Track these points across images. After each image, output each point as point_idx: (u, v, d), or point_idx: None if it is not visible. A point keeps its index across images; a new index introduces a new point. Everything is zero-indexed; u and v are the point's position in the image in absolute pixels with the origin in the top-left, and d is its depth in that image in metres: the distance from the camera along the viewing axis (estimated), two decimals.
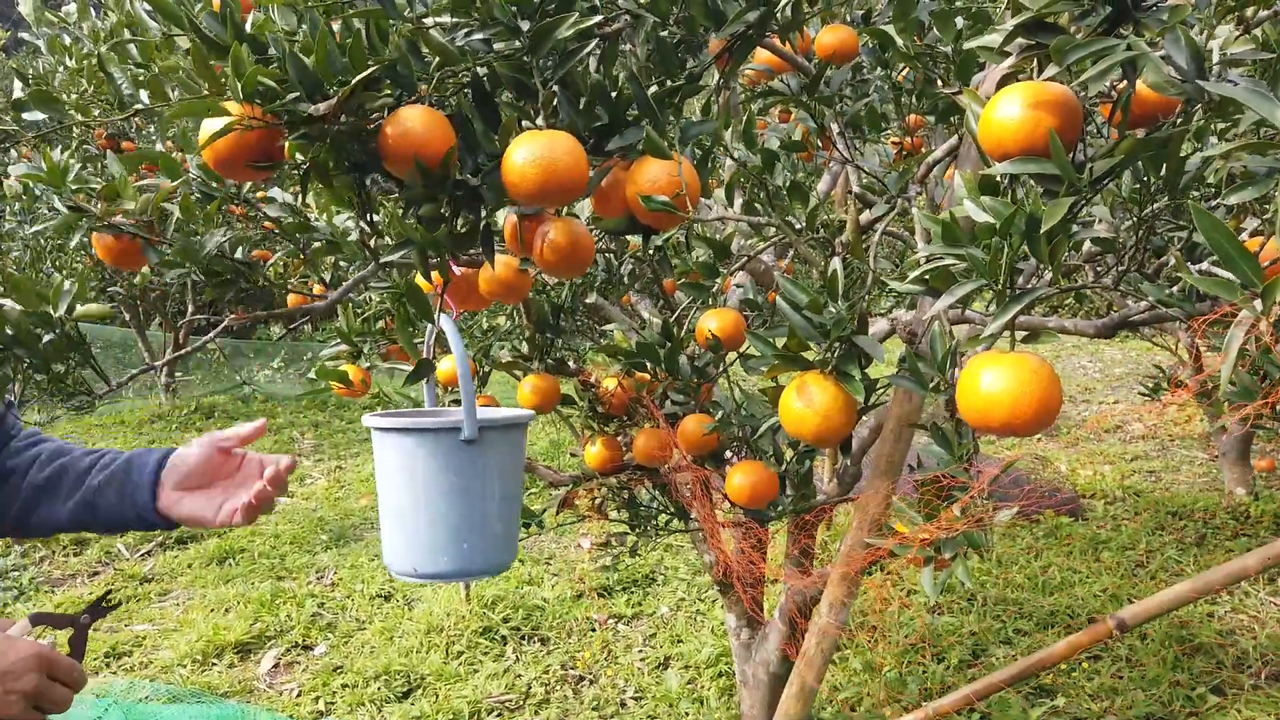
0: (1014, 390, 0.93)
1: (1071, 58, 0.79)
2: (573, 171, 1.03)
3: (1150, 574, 4.60)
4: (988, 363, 0.95)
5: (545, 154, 1.01)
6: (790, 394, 1.14)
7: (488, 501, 1.63)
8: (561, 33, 1.02)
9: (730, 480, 1.81)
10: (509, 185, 1.04)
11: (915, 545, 1.10)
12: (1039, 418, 0.93)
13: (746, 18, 1.24)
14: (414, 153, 1.01)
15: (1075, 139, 0.94)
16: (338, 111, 0.97)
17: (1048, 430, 7.74)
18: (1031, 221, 0.90)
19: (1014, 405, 0.92)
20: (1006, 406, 0.93)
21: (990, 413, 0.93)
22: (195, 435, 8.03)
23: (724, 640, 3.93)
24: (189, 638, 4.09)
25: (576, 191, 1.06)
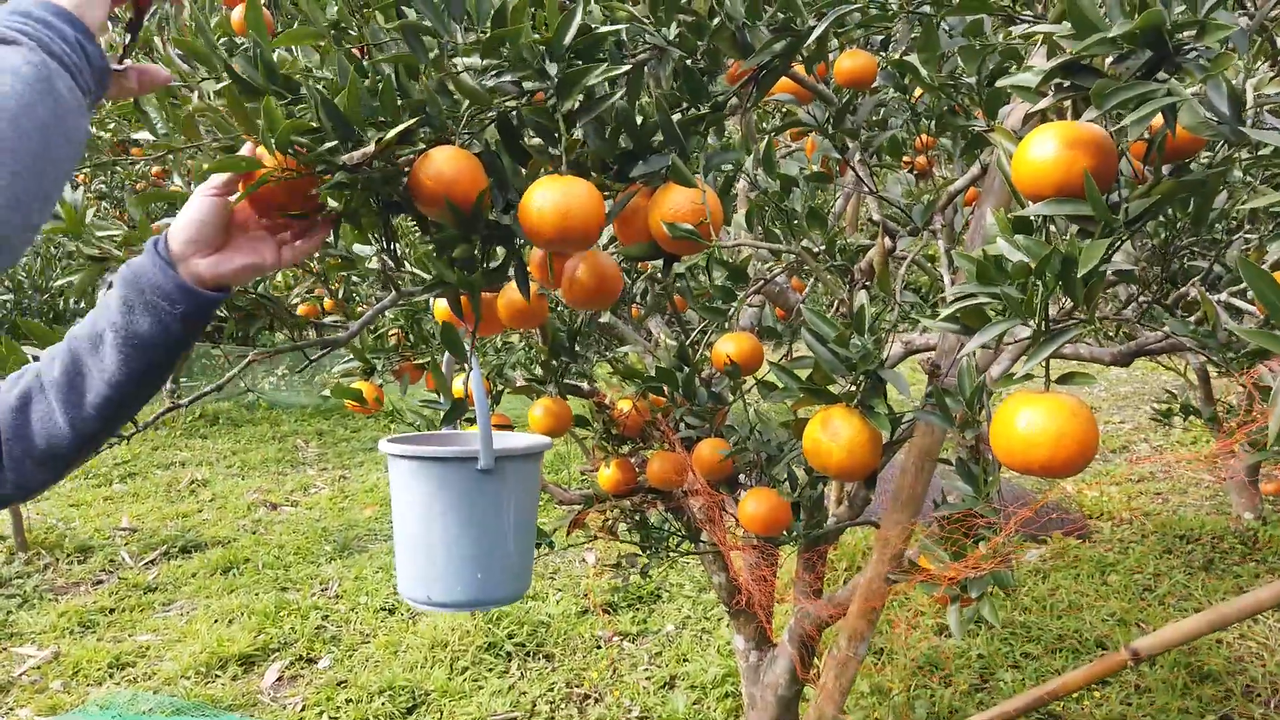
0: (1053, 431, 0.92)
1: (1112, 101, 0.79)
2: (588, 219, 1.03)
3: (1159, 598, 4.58)
4: (1025, 403, 0.94)
5: (561, 201, 1.01)
6: (815, 428, 1.14)
7: (503, 531, 1.62)
8: (590, 80, 1.02)
9: (744, 508, 1.80)
10: (526, 230, 1.04)
11: (943, 583, 1.09)
12: (1078, 459, 0.92)
13: (773, 48, 1.23)
14: (445, 194, 1.01)
15: (1110, 180, 0.93)
16: (372, 160, 0.97)
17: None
18: (1067, 261, 0.89)
19: (1054, 447, 0.92)
20: (1046, 448, 0.92)
21: (1030, 454, 0.92)
22: (200, 441, 8.03)
23: (730, 660, 3.91)
24: (193, 649, 4.08)
25: (592, 238, 1.05)
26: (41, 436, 1.00)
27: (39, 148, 0.74)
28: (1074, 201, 0.90)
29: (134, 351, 0.98)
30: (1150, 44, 0.78)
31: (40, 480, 1.03)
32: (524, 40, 1.02)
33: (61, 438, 1.00)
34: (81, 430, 1.00)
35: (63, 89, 0.77)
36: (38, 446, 1.00)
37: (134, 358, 0.98)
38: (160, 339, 0.99)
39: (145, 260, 0.99)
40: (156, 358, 0.99)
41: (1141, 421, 8.07)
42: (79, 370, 0.99)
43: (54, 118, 0.76)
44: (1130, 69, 0.81)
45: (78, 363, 1.00)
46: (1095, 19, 0.80)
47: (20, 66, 0.74)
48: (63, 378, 1.00)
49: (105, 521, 5.84)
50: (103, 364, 0.99)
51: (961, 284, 0.96)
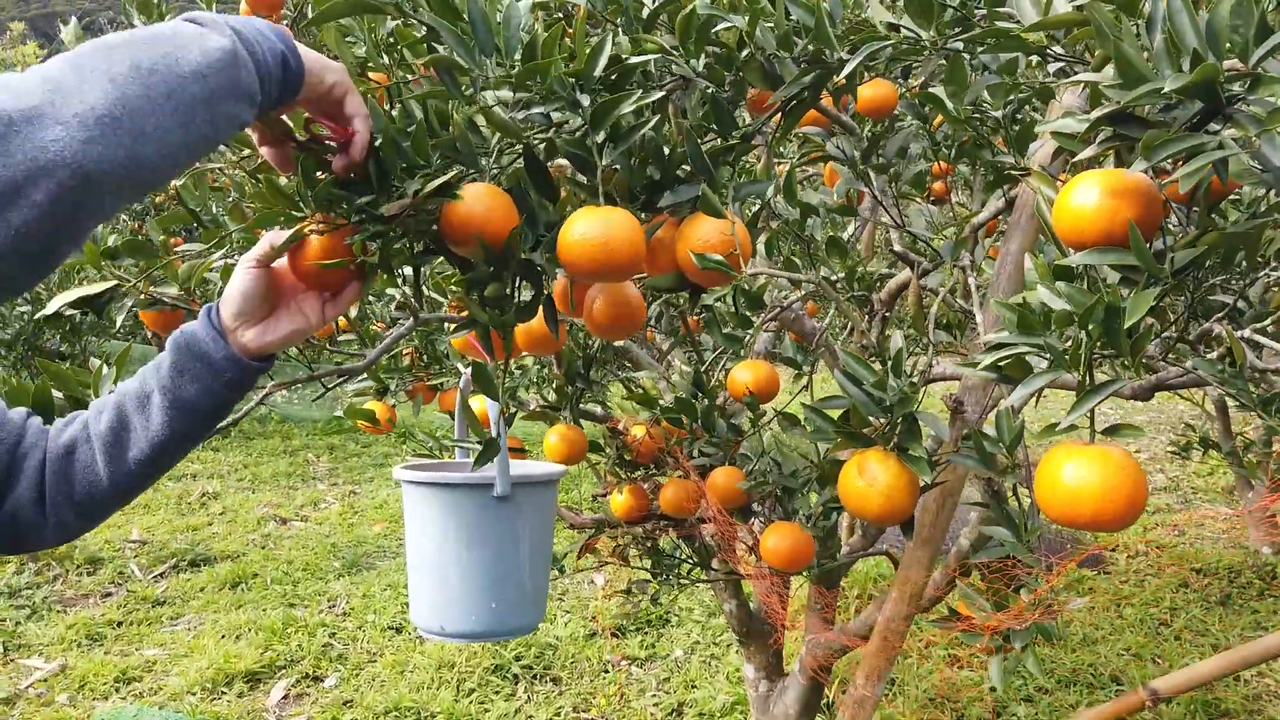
0: (1100, 485, 0.89)
1: (1162, 154, 0.77)
2: (629, 251, 1.01)
3: (1174, 633, 4.52)
4: (1071, 455, 0.92)
5: (602, 232, 0.99)
6: (851, 473, 1.11)
7: (518, 559, 1.60)
8: (623, 110, 1.00)
9: (766, 542, 1.78)
10: (564, 262, 1.02)
11: (985, 633, 1.06)
12: (1127, 514, 0.90)
13: (803, 81, 1.22)
14: (478, 233, 1.00)
15: (1155, 229, 0.91)
16: (410, 210, 0.96)
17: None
18: (1113, 312, 0.87)
19: (1100, 501, 0.89)
20: (1092, 502, 0.89)
21: (1076, 508, 0.90)
22: (211, 454, 8.03)
23: (739, 688, 3.86)
24: (199, 664, 4.06)
25: (633, 270, 1.04)
26: (82, 485, 1.05)
27: (186, 112, 0.79)
28: (1118, 251, 0.88)
29: (180, 414, 1.04)
30: (1202, 95, 0.76)
31: (77, 527, 1.08)
32: (555, 72, 1.01)
33: (99, 488, 1.06)
34: (119, 483, 1.06)
35: (243, 78, 0.85)
36: (77, 493, 1.05)
37: (179, 419, 1.04)
38: (206, 405, 1.05)
39: (199, 330, 1.06)
40: (200, 420, 1.06)
41: (1158, 451, 8.00)
42: (125, 426, 1.05)
43: (214, 95, 0.82)
44: (1180, 120, 0.79)
45: (124, 419, 1.05)
46: (1143, 69, 0.78)
47: (212, 48, 0.82)
48: (109, 433, 1.05)
49: (116, 533, 5.84)
50: (149, 424, 1.04)
51: (999, 332, 0.94)
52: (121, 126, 0.73)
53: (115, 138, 0.73)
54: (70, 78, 0.73)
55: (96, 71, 0.74)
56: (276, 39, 0.90)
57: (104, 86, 0.74)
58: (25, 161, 0.68)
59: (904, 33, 1.08)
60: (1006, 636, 1.05)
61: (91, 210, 0.74)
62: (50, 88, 0.71)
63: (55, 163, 0.69)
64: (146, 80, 0.76)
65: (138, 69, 0.76)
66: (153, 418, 1.04)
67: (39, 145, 0.69)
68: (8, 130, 0.68)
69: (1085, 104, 1.36)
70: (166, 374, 1.04)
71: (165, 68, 0.78)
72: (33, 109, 0.69)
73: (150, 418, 1.04)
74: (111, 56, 0.76)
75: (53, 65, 0.74)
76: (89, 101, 0.72)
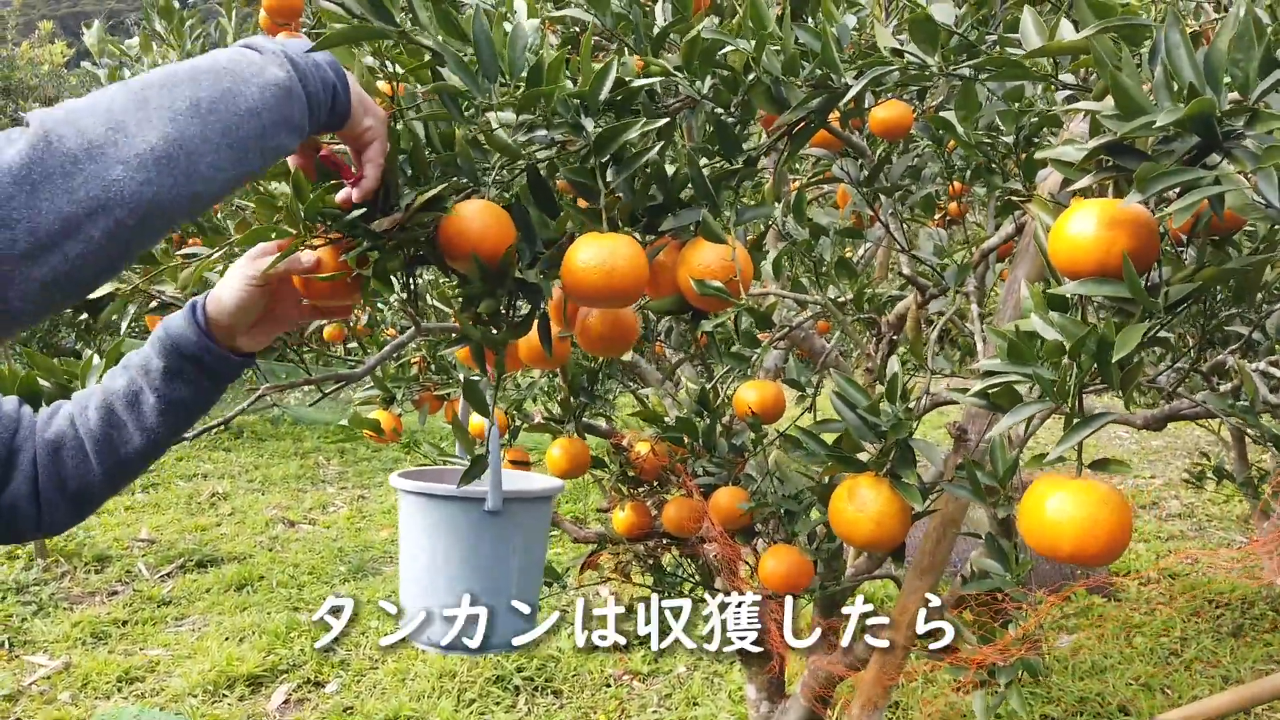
0: (1083, 519, 0.88)
1: (1156, 187, 0.76)
2: (632, 277, 1.01)
3: (1185, 664, 4.46)
4: (1055, 488, 0.91)
5: (607, 260, 1.00)
6: (842, 497, 1.10)
7: (508, 575, 1.59)
8: (629, 135, 1.00)
9: (764, 565, 1.77)
10: (567, 286, 1.02)
11: (970, 667, 1.05)
12: (1109, 550, 0.89)
13: (809, 105, 1.21)
14: (474, 250, 1.00)
15: (1151, 261, 0.90)
16: (401, 225, 0.97)
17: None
18: (1103, 344, 0.86)
19: (1082, 535, 0.88)
20: (1074, 536, 0.88)
21: (1058, 541, 0.89)
22: (223, 454, 8.07)
23: (741, 707, 3.83)
24: (202, 666, 4.07)
25: (635, 296, 1.04)
26: (74, 479, 1.06)
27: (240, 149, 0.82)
28: (1112, 283, 0.87)
29: (173, 413, 1.07)
30: (1198, 129, 0.75)
31: (68, 521, 1.09)
32: (560, 95, 1.01)
33: (93, 483, 1.07)
34: (113, 477, 1.08)
35: (295, 111, 0.88)
36: (70, 487, 1.06)
37: (172, 418, 1.07)
38: (198, 403, 1.09)
39: (186, 330, 1.06)
40: (193, 417, 1.10)
41: (1173, 477, 7.91)
42: (116, 424, 1.07)
43: (267, 131, 0.85)
44: (1177, 153, 0.78)
45: (115, 418, 1.07)
46: (1141, 100, 0.77)
47: (269, 82, 0.85)
48: (100, 431, 1.07)
49: (125, 531, 5.87)
50: (142, 422, 1.06)
51: (991, 360, 0.93)
52: (179, 167, 0.77)
53: (172, 178, 0.76)
54: (133, 115, 0.76)
55: (159, 109, 0.77)
56: (330, 70, 0.93)
57: (164, 127, 0.77)
58: (87, 199, 0.71)
59: (908, 58, 1.08)
60: (992, 671, 1.04)
61: (144, 243, 0.78)
62: (113, 125, 0.74)
63: (115, 201, 0.73)
64: (205, 119, 0.79)
65: (197, 108, 0.79)
66: (145, 417, 1.06)
67: (101, 184, 0.72)
68: (73, 168, 0.71)
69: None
70: (158, 377, 1.06)
71: (224, 106, 0.81)
72: (96, 147, 0.72)
73: (143, 417, 1.06)
74: (175, 93, 0.79)
75: (118, 97, 0.77)
76: (150, 141, 0.75)
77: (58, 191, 0.70)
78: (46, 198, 0.69)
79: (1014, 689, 1.03)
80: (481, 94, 0.98)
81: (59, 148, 0.71)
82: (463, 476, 1.25)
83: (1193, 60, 0.75)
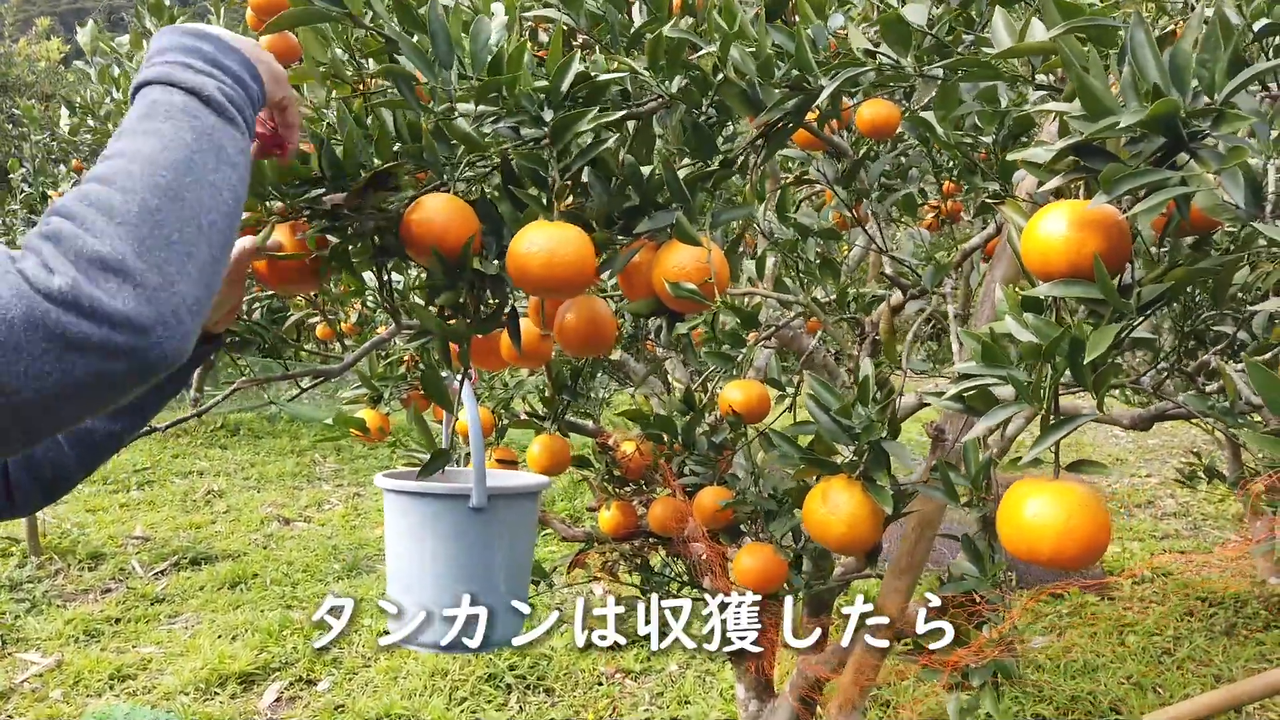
0: (1061, 523, 0.88)
1: (1122, 188, 0.75)
2: (574, 265, 1.00)
3: (1177, 663, 4.46)
4: (1033, 491, 0.91)
5: (547, 247, 0.99)
6: (815, 499, 1.10)
7: (496, 572, 1.59)
8: (581, 126, 1.00)
9: (739, 562, 1.77)
10: (511, 273, 1.02)
11: (945, 669, 1.04)
12: (1088, 553, 0.88)
13: (784, 106, 1.21)
14: (435, 242, 1.00)
15: (1123, 262, 0.90)
16: (353, 203, 0.96)
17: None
18: (1076, 345, 0.86)
19: (1060, 539, 0.88)
20: (1052, 540, 0.88)
21: (1035, 545, 0.88)
22: (219, 451, 8.06)
23: (732, 706, 3.83)
24: (194, 664, 4.07)
25: (581, 285, 1.03)
26: (47, 464, 1.07)
27: (224, 240, 0.78)
28: (1084, 284, 0.86)
29: (148, 402, 1.09)
30: (1163, 130, 0.75)
31: (40, 503, 1.11)
32: (521, 87, 1.00)
33: (68, 469, 1.09)
34: (88, 458, 1.10)
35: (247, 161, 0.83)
36: (44, 473, 1.07)
37: (147, 406, 1.09)
38: (171, 384, 1.09)
39: None
40: (165, 396, 1.11)
41: (1168, 475, 7.91)
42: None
43: (234, 203, 0.79)
44: (1143, 154, 0.77)
45: None
46: (1108, 101, 0.77)
47: (235, 156, 0.80)
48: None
49: (119, 529, 5.86)
50: (115, 411, 1.06)
51: (966, 363, 0.93)
52: (204, 306, 0.74)
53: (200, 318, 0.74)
54: (171, 267, 0.71)
55: (180, 255, 0.72)
56: (245, 72, 0.86)
57: (195, 278, 0.73)
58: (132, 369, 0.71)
59: (881, 59, 1.07)
60: (966, 673, 1.03)
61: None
62: (153, 295, 0.70)
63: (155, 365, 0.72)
64: (209, 236, 0.75)
65: (200, 229, 0.75)
66: (119, 407, 1.04)
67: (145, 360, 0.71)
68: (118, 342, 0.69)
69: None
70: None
71: (225, 224, 0.77)
72: (146, 327, 0.70)
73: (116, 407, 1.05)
74: (184, 231, 0.73)
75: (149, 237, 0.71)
76: (186, 295, 0.72)
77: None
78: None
79: (987, 691, 1.03)
80: (437, 81, 0.98)
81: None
82: (421, 470, 1.25)
83: (1158, 61, 0.75)
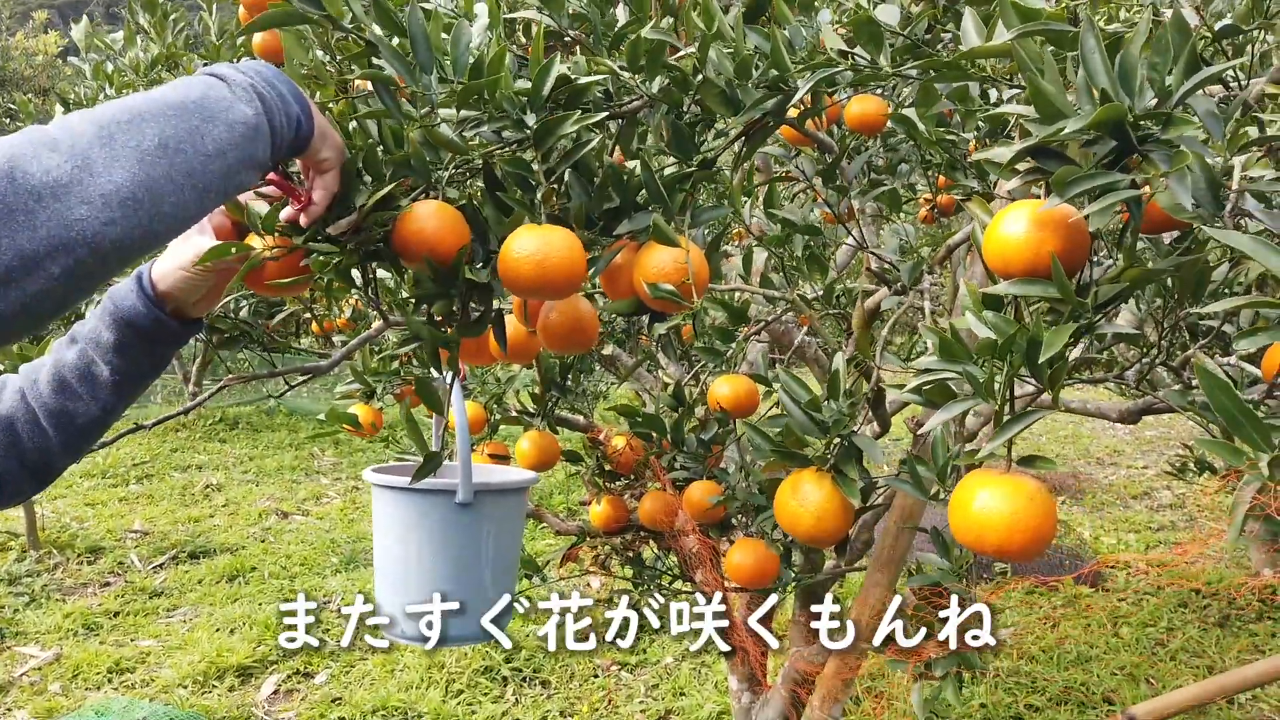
0: (1009, 515, 0.90)
1: (1074, 191, 0.77)
2: (566, 269, 1.02)
3: (1170, 654, 4.49)
4: (983, 483, 0.93)
5: (540, 250, 1.01)
6: (786, 492, 1.12)
7: (482, 567, 1.61)
8: (565, 129, 1.02)
9: (730, 558, 1.79)
10: (503, 277, 1.03)
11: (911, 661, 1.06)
12: (1033, 544, 0.90)
13: (764, 105, 1.23)
14: (427, 251, 1.01)
15: (1081, 262, 0.92)
16: (357, 226, 0.98)
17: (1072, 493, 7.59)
18: (1033, 344, 0.88)
19: (1007, 531, 0.90)
20: (999, 531, 0.90)
21: (983, 536, 0.90)
22: (218, 445, 8.09)
23: (726, 698, 3.86)
24: (192, 657, 4.10)
25: (571, 288, 1.05)
26: (33, 451, 1.06)
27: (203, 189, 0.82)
28: (1042, 283, 0.88)
29: (127, 381, 1.07)
30: (1113, 134, 0.77)
31: (30, 490, 1.10)
32: (502, 91, 1.02)
33: (53, 454, 1.07)
34: (72, 445, 1.08)
35: (259, 150, 0.88)
36: (30, 460, 1.06)
37: (126, 385, 1.07)
38: (153, 372, 1.09)
39: (135, 302, 1.05)
40: (146, 381, 1.10)
41: (1165, 467, 7.94)
42: (71, 396, 1.06)
43: (231, 169, 0.85)
44: (1096, 156, 0.79)
45: (69, 390, 1.06)
46: (1061, 104, 0.79)
47: (237, 121, 0.85)
48: (53, 401, 1.06)
49: (118, 523, 5.90)
50: (97, 394, 1.06)
51: (927, 357, 0.95)
52: (143, 208, 0.76)
53: (136, 218, 0.76)
54: (99, 152, 0.75)
55: (126, 148, 0.76)
56: (295, 103, 0.93)
57: (131, 168, 0.76)
58: (48, 237, 0.71)
59: (854, 59, 1.09)
60: (929, 664, 1.06)
61: (102, 278, 0.78)
62: (79, 163, 0.74)
63: (76, 241, 0.72)
64: (172, 159, 0.79)
65: (165, 148, 0.79)
66: (100, 388, 1.06)
67: (63, 222, 0.72)
68: (36, 205, 0.71)
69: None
70: (109, 349, 1.05)
71: (191, 146, 0.81)
72: (61, 185, 0.72)
73: (97, 388, 1.06)
74: (143, 131, 0.78)
75: (85, 132, 0.76)
76: (116, 182, 0.75)
77: (19, 228, 0.70)
78: (7, 234, 0.69)
79: (949, 682, 1.05)
80: (417, 86, 1.00)
81: (23, 184, 0.70)
82: (415, 473, 1.26)
83: (1106, 65, 0.76)
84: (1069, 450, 9.00)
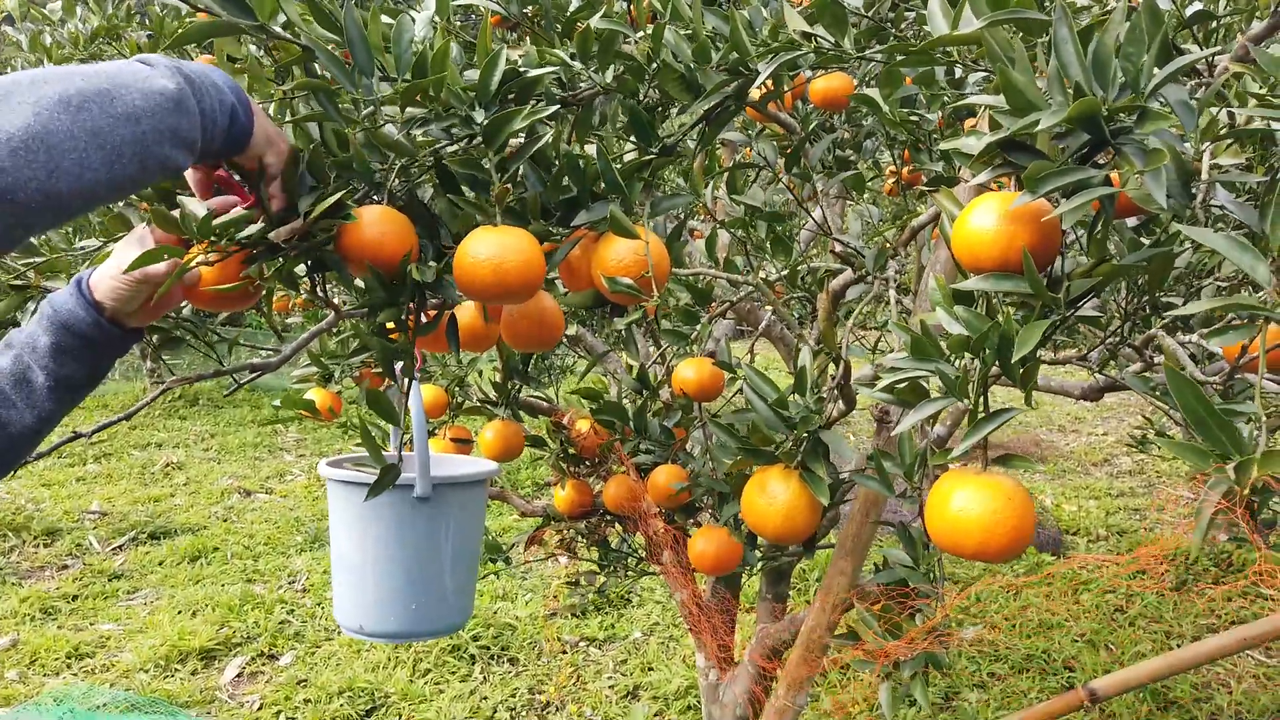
0: (987, 517, 0.88)
1: (1046, 187, 0.74)
2: (524, 272, 0.98)
3: (1129, 619, 4.57)
4: (960, 484, 0.90)
5: (495, 254, 0.96)
6: (753, 489, 1.09)
7: (440, 561, 1.58)
8: (515, 124, 0.97)
9: (693, 545, 1.76)
10: (459, 285, 0.99)
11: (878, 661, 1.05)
12: (1012, 547, 0.89)
13: (725, 90, 1.19)
14: (371, 260, 0.97)
15: (1053, 256, 0.89)
16: (302, 233, 0.93)
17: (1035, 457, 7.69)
18: (1005, 341, 0.85)
19: (986, 533, 0.88)
20: (978, 534, 0.88)
21: (961, 538, 0.88)
22: (178, 422, 7.94)
23: (694, 672, 3.88)
24: (153, 641, 4.04)
25: (530, 291, 1.01)
26: None
27: (113, 152, 0.80)
28: (1013, 278, 0.86)
29: (65, 391, 1.05)
30: (1086, 128, 0.74)
31: None
32: (448, 87, 0.97)
33: None
34: (6, 454, 1.05)
35: (183, 125, 0.85)
36: None
37: (62, 392, 1.05)
38: (91, 378, 1.07)
39: (75, 307, 1.03)
40: (84, 389, 1.08)
41: (1125, 434, 8.06)
42: (3, 403, 1.04)
43: (147, 137, 0.82)
44: (1068, 151, 0.76)
45: (2, 396, 1.04)
46: (1032, 96, 0.75)
47: (154, 91, 0.83)
48: None
49: (75, 504, 5.78)
50: (33, 401, 1.04)
51: (896, 355, 0.92)
52: (37, 159, 0.75)
53: (29, 169, 0.74)
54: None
55: (23, 102, 0.75)
56: (229, 91, 0.91)
57: (26, 117, 0.75)
58: None
59: (817, 41, 1.05)
60: (897, 664, 1.04)
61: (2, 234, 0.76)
62: None
63: None
64: (74, 116, 0.78)
65: (66, 104, 0.77)
66: (36, 395, 1.04)
67: None
68: None
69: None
70: (47, 355, 1.03)
71: (97, 106, 0.79)
72: None
73: (33, 395, 1.04)
74: (43, 90, 0.77)
75: None
76: (7, 131, 0.74)
77: None
78: None
79: (918, 681, 1.03)
80: (357, 90, 0.94)
81: None
82: (372, 487, 1.21)
83: (1080, 57, 0.73)
84: (1030, 418, 9.11)
